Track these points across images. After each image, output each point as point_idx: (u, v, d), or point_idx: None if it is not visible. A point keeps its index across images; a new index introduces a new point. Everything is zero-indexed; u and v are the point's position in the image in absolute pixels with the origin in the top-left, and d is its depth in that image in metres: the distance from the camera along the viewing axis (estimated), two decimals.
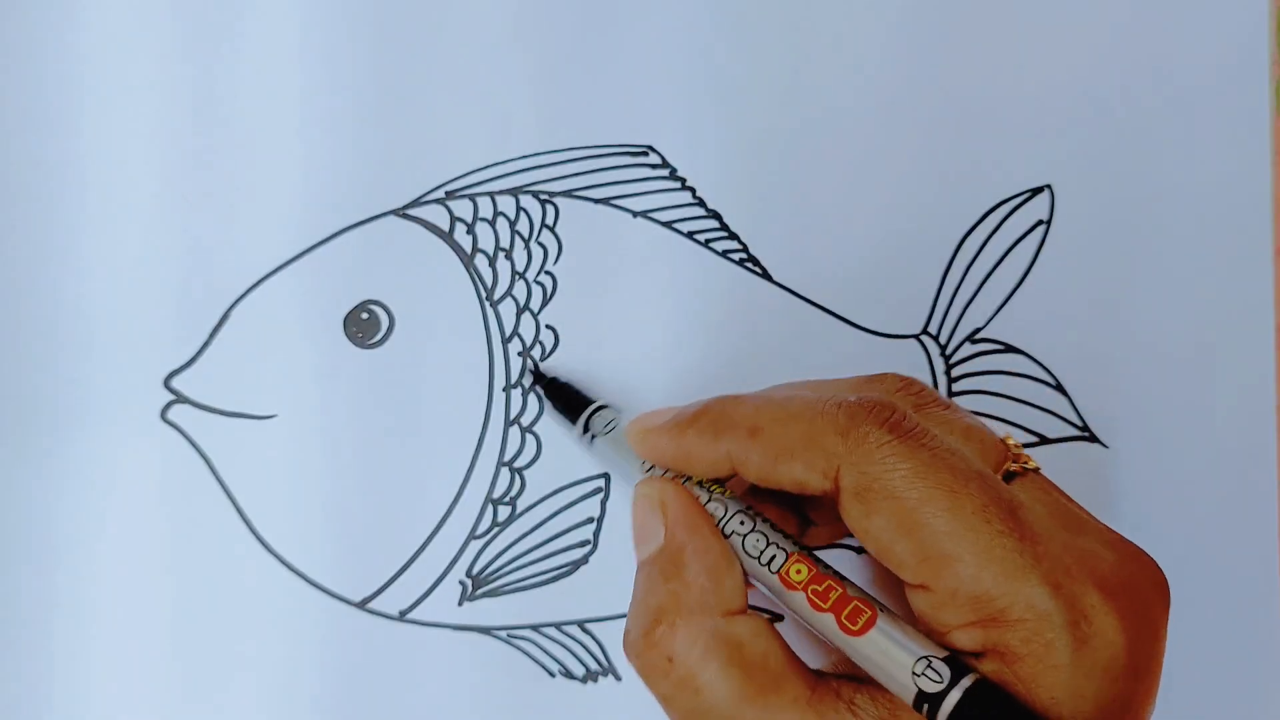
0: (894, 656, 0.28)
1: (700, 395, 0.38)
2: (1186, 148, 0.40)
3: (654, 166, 0.38)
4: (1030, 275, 0.39)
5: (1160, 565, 0.30)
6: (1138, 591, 0.29)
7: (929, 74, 0.39)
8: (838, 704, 0.29)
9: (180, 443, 0.37)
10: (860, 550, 0.36)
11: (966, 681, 0.27)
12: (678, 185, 0.38)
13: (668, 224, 0.38)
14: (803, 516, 0.34)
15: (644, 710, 0.38)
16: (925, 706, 0.28)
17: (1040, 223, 0.39)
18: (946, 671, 0.28)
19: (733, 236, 0.39)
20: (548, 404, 0.37)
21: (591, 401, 0.36)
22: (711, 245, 0.38)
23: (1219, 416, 0.40)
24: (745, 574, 0.31)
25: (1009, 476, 0.31)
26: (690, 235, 0.38)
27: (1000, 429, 0.31)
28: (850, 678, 0.30)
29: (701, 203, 0.39)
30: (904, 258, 0.39)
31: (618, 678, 0.38)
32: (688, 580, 0.30)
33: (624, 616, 0.38)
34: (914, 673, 0.28)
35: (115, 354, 0.37)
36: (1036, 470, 0.31)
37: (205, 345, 0.37)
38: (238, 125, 0.37)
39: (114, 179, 0.37)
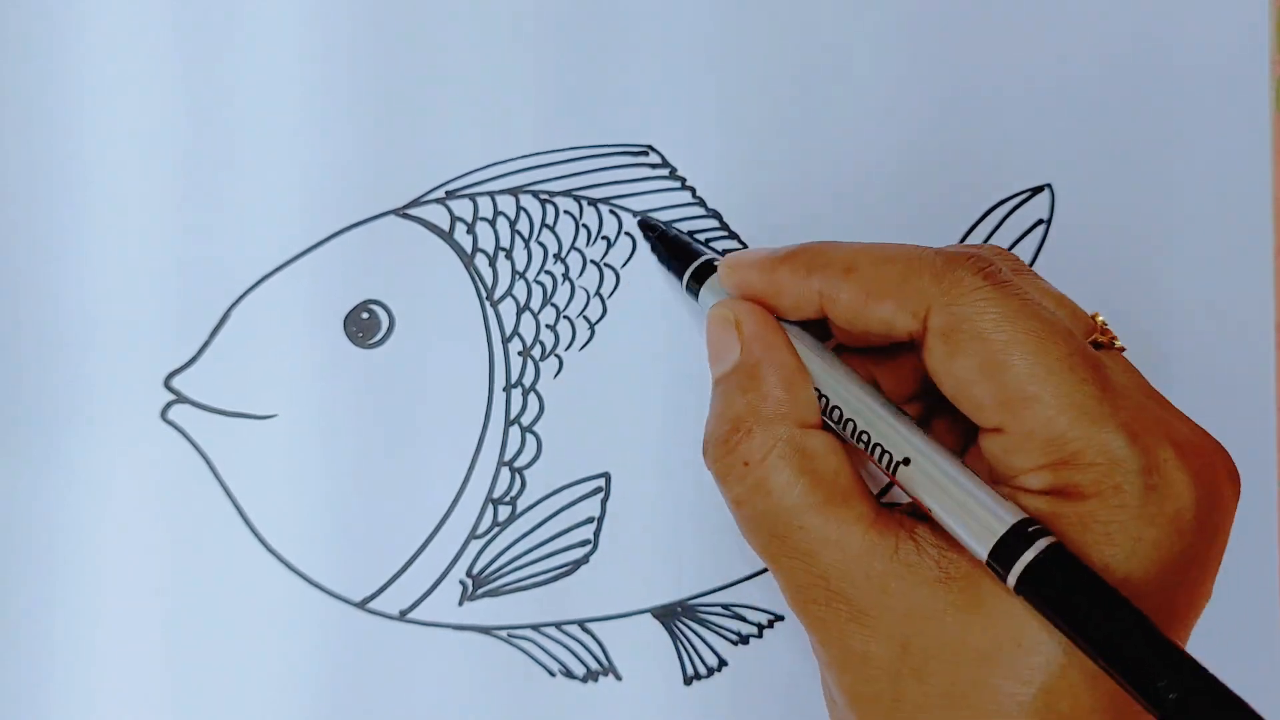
0: (970, 508, 0.28)
1: (700, 397, 0.38)
2: (1186, 147, 0.40)
3: (654, 166, 0.38)
4: None
5: None
6: (1211, 463, 0.29)
7: (929, 73, 0.39)
8: (899, 530, 0.29)
9: (180, 443, 0.37)
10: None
11: (1042, 543, 0.27)
12: (678, 185, 0.39)
13: (667, 223, 0.38)
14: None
15: (644, 710, 0.38)
16: (994, 561, 0.28)
17: (1040, 222, 0.39)
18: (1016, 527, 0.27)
19: (732, 236, 0.39)
20: (654, 256, 0.37)
21: (699, 254, 0.36)
22: (711, 245, 0.38)
23: (1219, 416, 0.39)
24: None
25: (1095, 348, 0.31)
26: (690, 235, 0.38)
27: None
28: (916, 514, 0.30)
29: (702, 202, 0.39)
30: None
31: (618, 677, 0.38)
32: (764, 391, 0.31)
33: (625, 616, 0.38)
34: (989, 527, 0.28)
35: (115, 354, 0.37)
36: (1123, 350, 0.31)
37: (205, 345, 0.37)
38: (238, 125, 0.37)
39: (114, 179, 0.37)
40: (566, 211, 0.38)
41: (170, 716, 0.37)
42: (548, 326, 0.38)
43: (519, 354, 0.38)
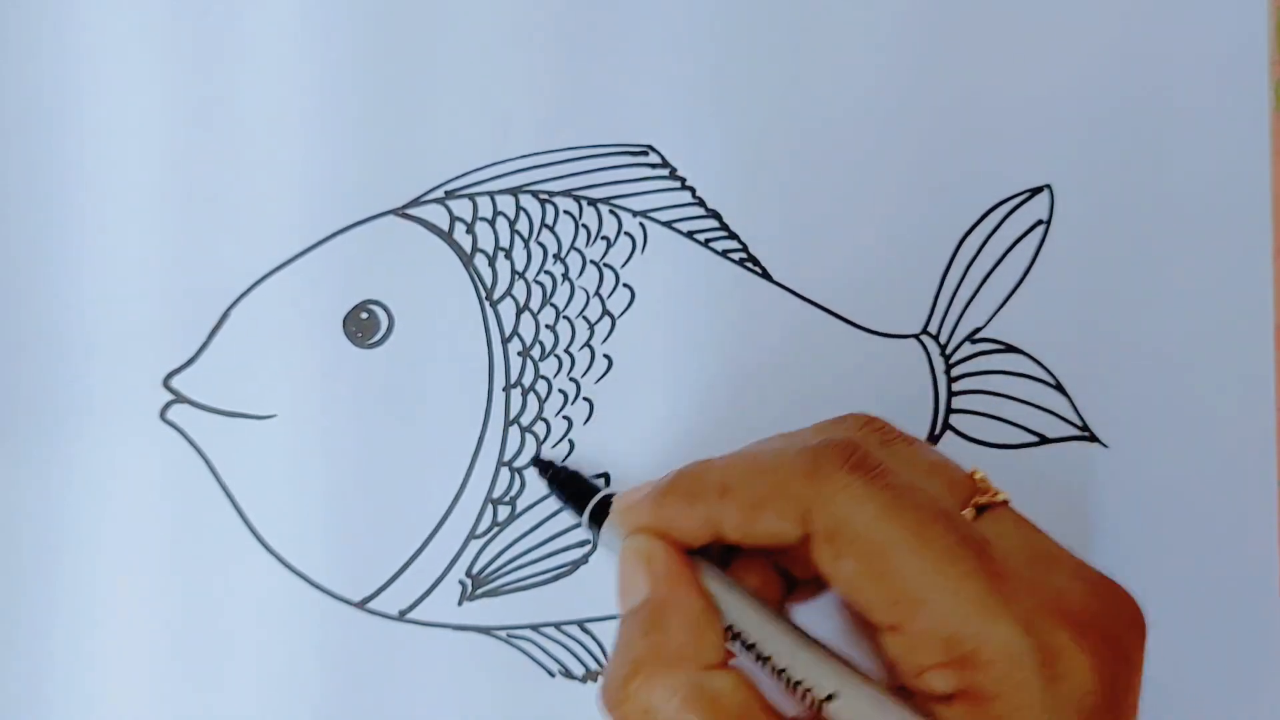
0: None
1: (699, 397, 0.38)
2: (1186, 147, 0.40)
3: (654, 166, 0.38)
4: (1030, 275, 0.39)
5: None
6: (1110, 628, 0.29)
7: (928, 74, 0.39)
8: None
9: (180, 443, 0.37)
10: None
11: None
12: (677, 185, 0.38)
13: (668, 223, 0.38)
14: (788, 578, 0.34)
15: None
16: None
17: (1040, 222, 0.39)
18: None
19: (732, 236, 0.39)
20: (554, 495, 0.37)
21: (595, 490, 0.36)
22: (711, 245, 0.38)
23: (1219, 416, 0.39)
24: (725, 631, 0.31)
25: (979, 510, 0.31)
26: (690, 235, 0.38)
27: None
28: None
29: (701, 202, 0.39)
30: (904, 257, 0.39)
31: None
32: (668, 633, 0.30)
33: None
34: None
35: (115, 354, 0.37)
36: (1005, 503, 0.31)
37: (205, 345, 0.37)
38: (237, 125, 0.37)
39: (114, 179, 0.37)
40: (566, 211, 0.38)
41: (170, 716, 0.37)
42: (547, 326, 0.38)
43: (518, 354, 0.38)
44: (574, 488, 0.36)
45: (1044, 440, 0.39)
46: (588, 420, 0.38)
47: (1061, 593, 0.29)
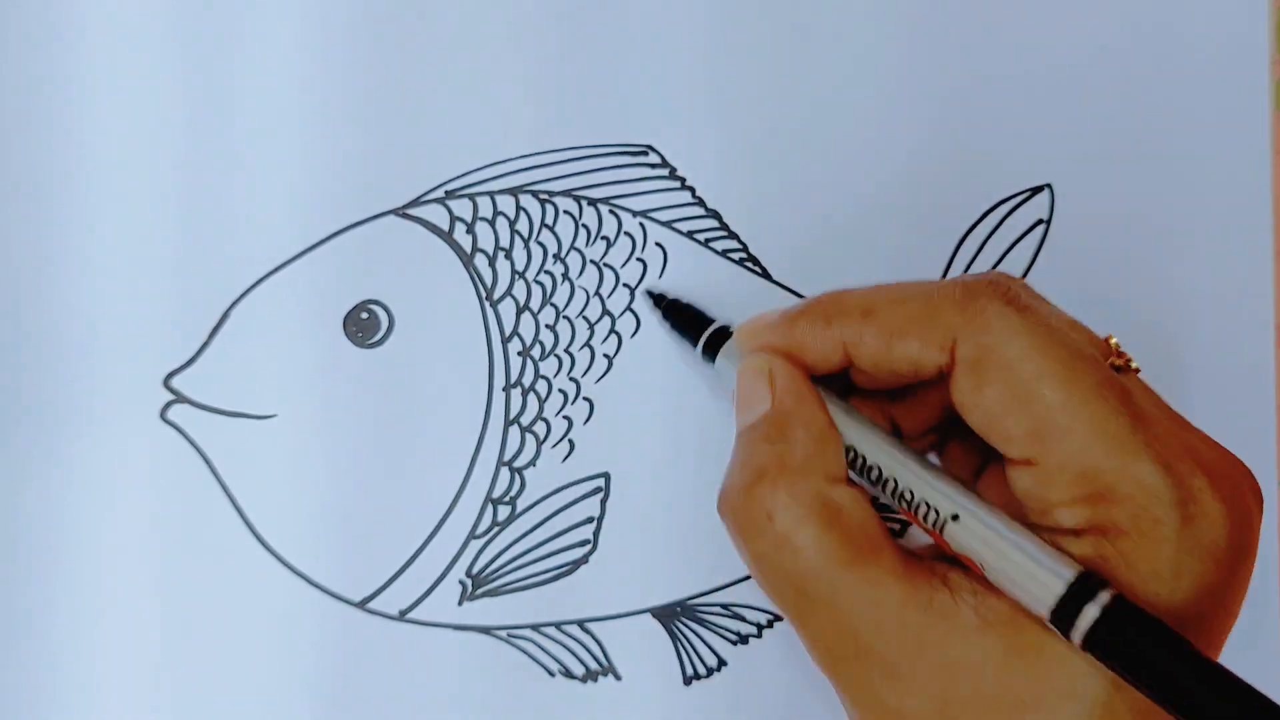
0: (1024, 566, 0.28)
1: (699, 397, 0.38)
2: (1186, 147, 0.40)
3: (653, 166, 0.38)
4: (1030, 274, 0.39)
5: None
6: (1238, 484, 0.29)
7: (928, 73, 0.39)
8: (932, 579, 0.29)
9: (180, 442, 0.37)
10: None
11: (1104, 596, 0.27)
12: (677, 185, 0.38)
13: (667, 223, 0.38)
14: (894, 426, 0.34)
15: (644, 710, 0.38)
16: (1055, 619, 0.27)
17: (1040, 222, 0.39)
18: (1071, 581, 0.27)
19: (732, 236, 0.39)
20: (666, 326, 0.37)
21: (711, 321, 0.36)
22: (711, 245, 0.38)
23: (1219, 416, 0.39)
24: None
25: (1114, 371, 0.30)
26: (690, 235, 0.38)
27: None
28: (944, 558, 0.30)
29: (701, 202, 0.39)
30: (904, 257, 0.39)
31: (617, 677, 0.38)
32: (793, 443, 0.30)
33: (624, 616, 0.38)
34: (1048, 585, 0.27)
35: (115, 354, 0.37)
36: (1138, 371, 0.31)
37: (205, 345, 0.37)
38: (237, 125, 0.37)
39: (114, 179, 0.37)
40: (566, 211, 0.38)
41: (170, 716, 0.37)
42: (547, 326, 0.38)
43: (519, 354, 0.38)
44: (687, 317, 0.36)
45: None
46: (588, 420, 0.38)
47: (1195, 445, 0.29)
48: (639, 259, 0.38)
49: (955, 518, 0.29)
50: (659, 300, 0.37)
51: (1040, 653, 0.27)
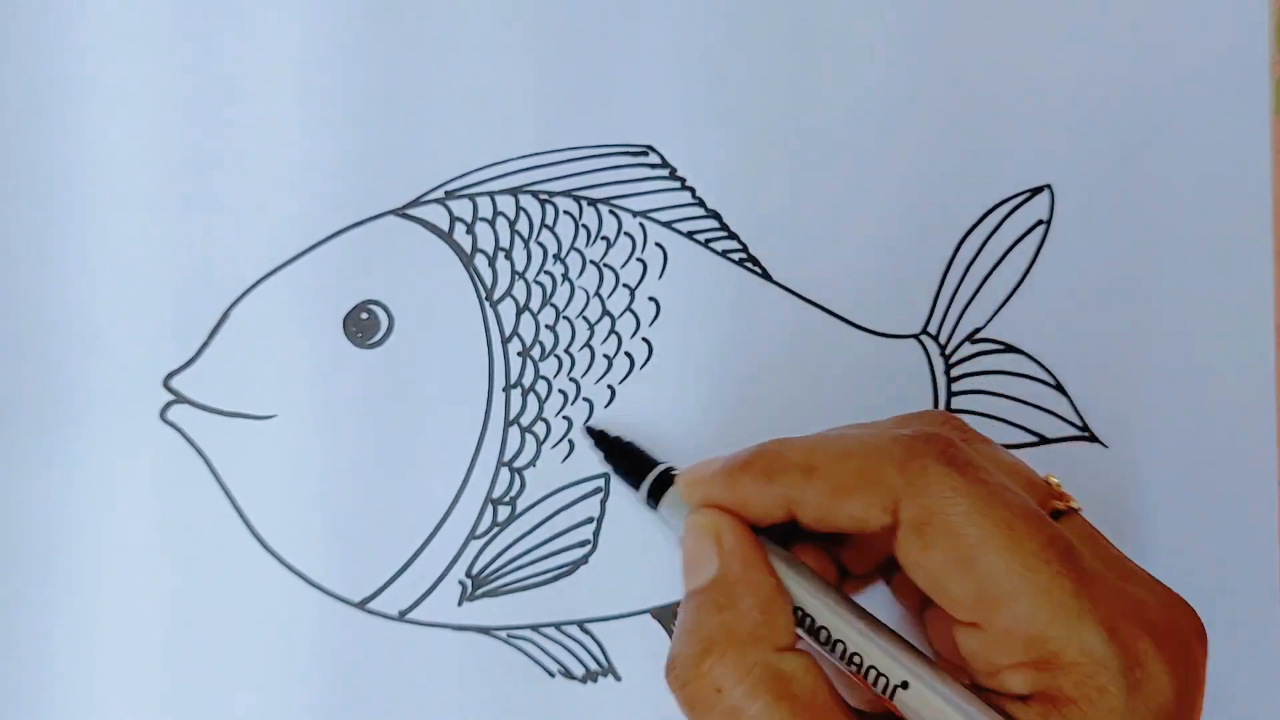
0: (965, 712, 0.28)
1: (699, 397, 0.38)
2: (1186, 147, 0.40)
3: (654, 166, 0.38)
4: (1030, 275, 0.39)
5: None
6: (1183, 638, 0.29)
7: (929, 73, 0.39)
8: None
9: (180, 443, 0.37)
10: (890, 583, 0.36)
11: None
12: (677, 185, 0.38)
13: (668, 224, 0.38)
14: (839, 566, 0.34)
15: (644, 710, 0.38)
16: None
17: (1040, 222, 0.39)
18: None
19: (732, 236, 0.39)
20: (608, 466, 0.37)
21: (655, 464, 0.35)
22: (711, 245, 0.38)
23: (1219, 416, 0.39)
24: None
25: (1054, 516, 0.31)
26: (690, 235, 0.38)
27: (1040, 469, 0.31)
28: (889, 718, 0.30)
29: (701, 203, 0.39)
30: (904, 257, 0.39)
31: (617, 678, 0.38)
32: (741, 612, 0.30)
33: (624, 616, 0.38)
34: None
35: (115, 354, 0.37)
36: (1078, 511, 0.31)
37: (205, 345, 0.37)
38: (238, 125, 0.37)
39: (114, 179, 0.37)
40: (566, 212, 0.38)
41: (170, 716, 0.37)
42: (547, 327, 0.38)
43: (518, 354, 0.38)
44: (630, 460, 0.36)
45: (1044, 440, 0.39)
46: (588, 420, 0.38)
47: (1138, 601, 0.29)
48: (639, 259, 0.38)
49: (905, 685, 0.29)
50: (600, 439, 0.37)
51: None
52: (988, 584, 0.28)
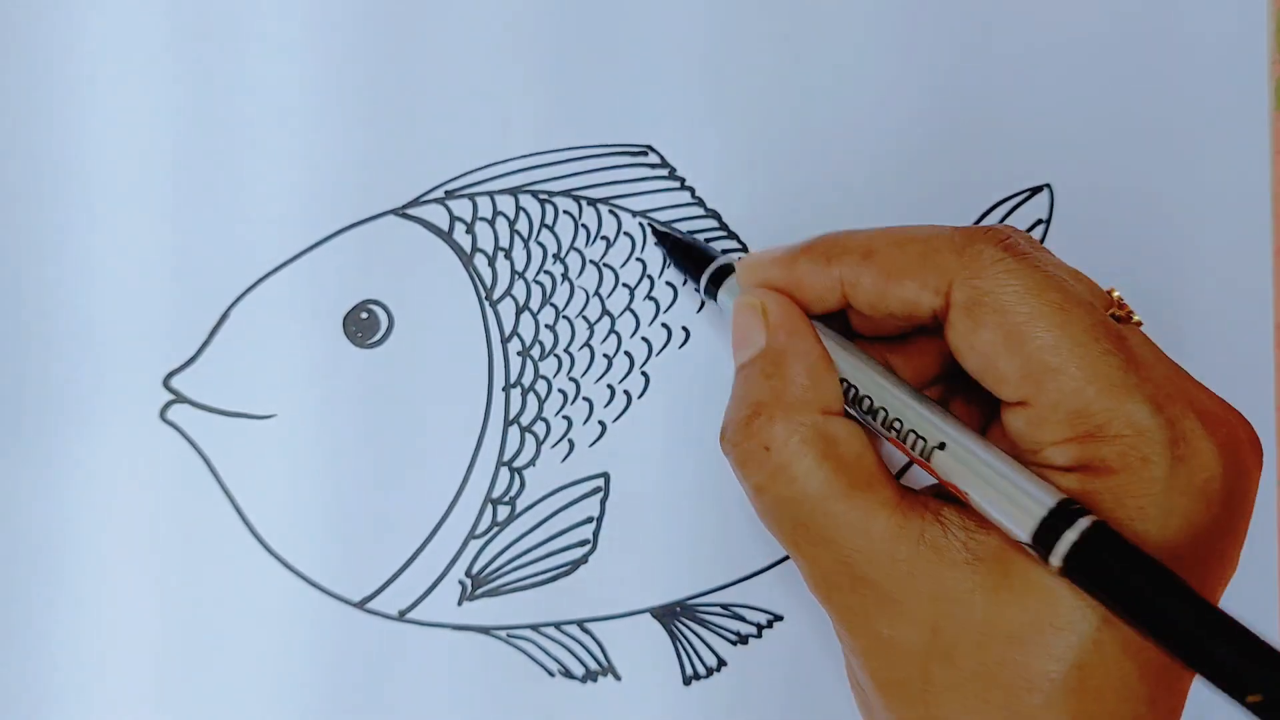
0: (1007, 491, 0.28)
1: (699, 397, 0.38)
2: (1186, 147, 0.40)
3: (653, 166, 0.38)
4: None
5: None
6: (1234, 432, 0.29)
7: (928, 73, 0.39)
8: (925, 513, 0.29)
9: (179, 443, 0.37)
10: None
11: (1083, 522, 0.27)
12: (677, 185, 0.38)
13: (667, 223, 0.38)
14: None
15: (644, 710, 0.38)
16: (1036, 543, 0.27)
17: (1040, 222, 0.39)
18: (1052, 508, 0.27)
19: (732, 235, 0.39)
20: (668, 259, 0.38)
21: (713, 256, 0.36)
22: (712, 245, 0.38)
23: None
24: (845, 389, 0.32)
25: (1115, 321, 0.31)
26: (689, 234, 0.38)
27: (1104, 283, 0.31)
28: (939, 495, 0.30)
29: (701, 202, 0.39)
30: None
31: (617, 677, 0.38)
32: (788, 378, 0.31)
33: (624, 616, 0.38)
34: (1028, 510, 0.28)
35: (114, 353, 0.37)
36: (1140, 324, 0.31)
37: (204, 345, 0.37)
38: (237, 125, 0.37)
39: (113, 178, 0.37)
40: (566, 211, 0.38)
41: (169, 716, 0.37)
42: (547, 326, 0.38)
43: (518, 354, 0.38)
44: (691, 253, 0.37)
45: None
46: (587, 420, 0.38)
47: (1191, 391, 0.29)
48: (638, 259, 0.38)
49: (941, 446, 0.30)
50: (662, 235, 0.38)
51: (1028, 586, 0.28)
52: (1036, 359, 0.28)
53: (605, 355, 0.38)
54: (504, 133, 0.38)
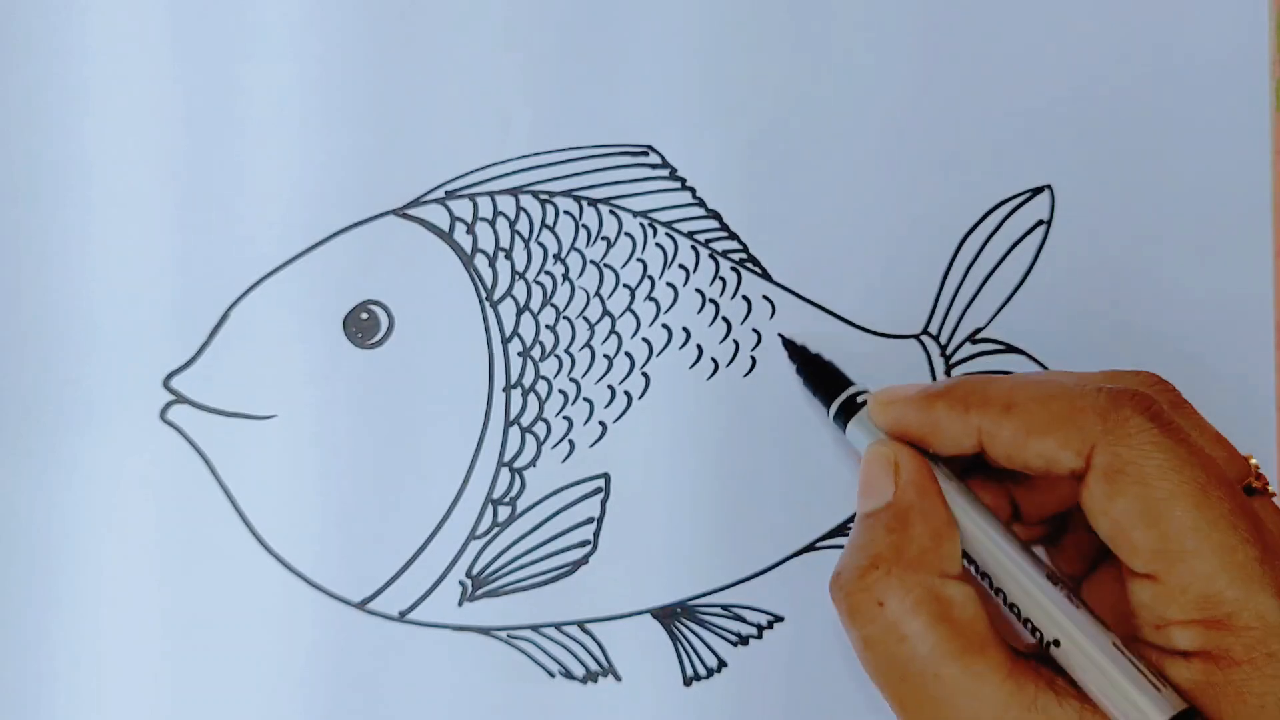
0: (1126, 695, 0.29)
1: (699, 398, 0.38)
2: (1187, 148, 0.40)
3: (654, 166, 0.38)
4: (1031, 275, 0.39)
5: None
6: None
7: (929, 74, 0.39)
8: (1037, 680, 0.29)
9: (180, 443, 0.37)
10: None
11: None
12: (678, 185, 0.38)
13: (668, 224, 0.38)
14: (1013, 505, 0.35)
15: (644, 711, 0.38)
16: None
17: (1041, 223, 0.39)
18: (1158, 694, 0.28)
19: (732, 236, 0.39)
20: (799, 378, 0.37)
21: (849, 383, 0.36)
22: (711, 245, 0.38)
23: (1219, 417, 0.39)
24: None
25: (1248, 492, 0.31)
26: (690, 235, 0.38)
27: (1243, 449, 0.32)
28: (1048, 661, 0.30)
29: (701, 203, 0.39)
30: (904, 258, 0.39)
31: (617, 678, 0.38)
32: (911, 536, 0.31)
33: (624, 617, 0.38)
34: (1142, 712, 0.28)
35: (115, 354, 0.37)
36: (1273, 495, 0.31)
37: (205, 345, 0.37)
38: (237, 125, 0.37)
39: (114, 179, 0.37)
40: (566, 212, 0.38)
41: (169, 716, 0.37)
42: (547, 327, 0.38)
43: (519, 354, 0.38)
44: (823, 376, 0.37)
45: None
46: (588, 421, 0.38)
47: None
48: (639, 259, 0.38)
49: (1057, 643, 0.30)
50: (795, 351, 0.38)
51: None
52: (1172, 537, 0.28)
53: (606, 356, 0.38)
54: (504, 133, 0.38)
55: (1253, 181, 0.40)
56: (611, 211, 0.38)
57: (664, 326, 0.38)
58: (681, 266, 0.38)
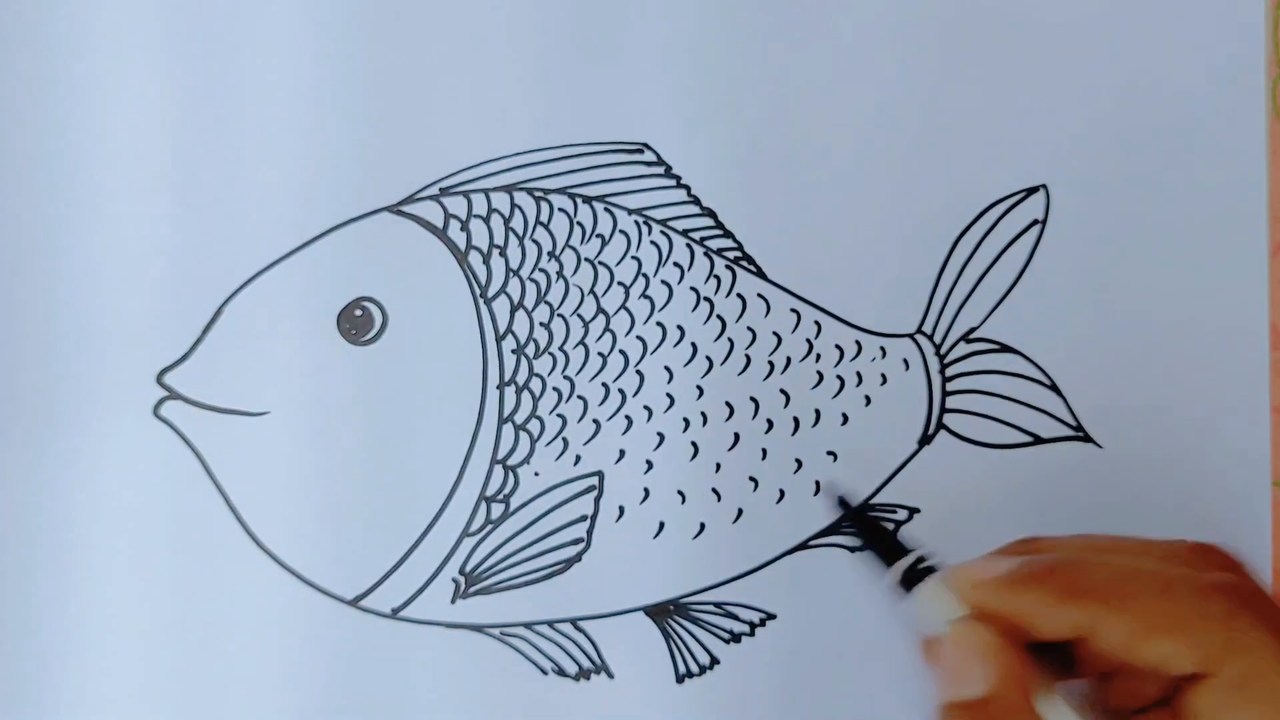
0: None
1: (693, 395, 0.38)
2: (1183, 148, 0.40)
3: (649, 164, 0.38)
4: (1025, 275, 0.39)
5: None
6: None
7: (925, 73, 0.39)
8: None
9: (173, 439, 0.37)
10: None
11: None
12: (673, 183, 0.38)
13: (663, 222, 0.38)
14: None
15: (636, 708, 0.38)
16: None
17: (1035, 222, 0.39)
18: None
19: (727, 234, 0.39)
20: (862, 545, 0.35)
21: (909, 549, 0.33)
22: (706, 243, 0.38)
23: (1214, 417, 0.39)
24: None
25: None
26: (685, 233, 0.38)
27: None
28: None
29: (696, 200, 0.38)
30: (899, 257, 0.39)
31: (610, 675, 0.38)
32: None
33: (617, 614, 0.38)
34: None
35: (108, 350, 0.37)
36: None
37: (198, 341, 0.37)
38: (232, 122, 0.37)
39: (108, 176, 0.37)
40: (561, 209, 0.38)
41: (162, 713, 0.37)
42: (541, 324, 0.38)
43: (513, 351, 0.38)
44: (881, 539, 0.34)
45: (1038, 440, 0.39)
46: (582, 418, 0.38)
47: None
48: (634, 257, 0.38)
49: None
50: (851, 512, 0.36)
51: None
52: None
53: (600, 353, 0.38)
54: (499, 130, 0.38)
55: (1250, 182, 0.40)
56: (606, 209, 0.38)
57: (658, 324, 0.38)
58: (676, 264, 0.38)
